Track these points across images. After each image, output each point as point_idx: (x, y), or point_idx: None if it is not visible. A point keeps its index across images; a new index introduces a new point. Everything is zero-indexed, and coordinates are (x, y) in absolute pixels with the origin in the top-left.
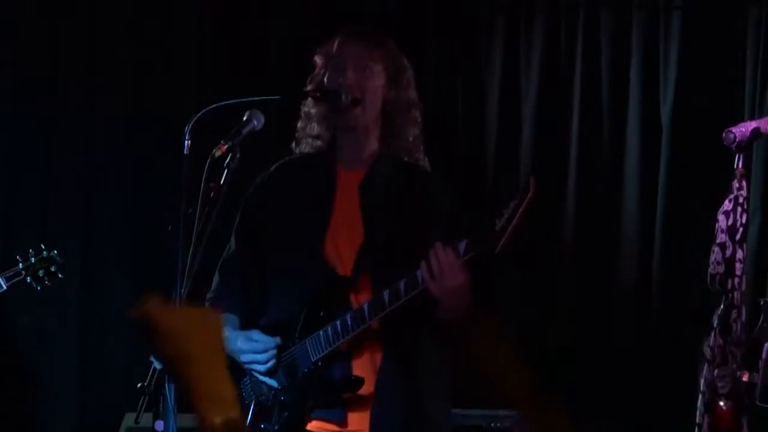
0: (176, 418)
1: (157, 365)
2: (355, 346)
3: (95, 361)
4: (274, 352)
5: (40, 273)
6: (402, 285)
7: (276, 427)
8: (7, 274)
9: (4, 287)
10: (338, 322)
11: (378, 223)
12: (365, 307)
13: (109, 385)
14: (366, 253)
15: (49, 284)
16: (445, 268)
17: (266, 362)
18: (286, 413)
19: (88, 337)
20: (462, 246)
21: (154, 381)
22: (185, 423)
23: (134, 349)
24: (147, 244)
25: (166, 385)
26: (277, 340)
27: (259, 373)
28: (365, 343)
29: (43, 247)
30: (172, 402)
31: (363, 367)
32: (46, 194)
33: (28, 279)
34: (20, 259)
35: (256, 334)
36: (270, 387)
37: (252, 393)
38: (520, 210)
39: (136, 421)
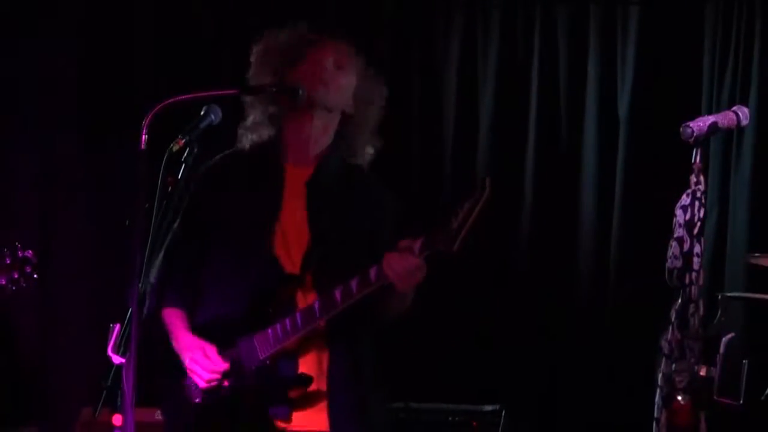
0: (134, 413)
1: (116, 361)
2: (303, 344)
3: (55, 356)
4: (218, 377)
5: (15, 275)
6: (354, 283)
7: (223, 423)
8: None
9: None
10: (287, 321)
11: (324, 220)
12: (315, 305)
13: (69, 380)
14: (313, 251)
15: (25, 285)
16: (405, 271)
17: (208, 382)
18: (234, 409)
19: (48, 331)
20: (418, 245)
21: (112, 376)
22: (143, 418)
23: (94, 344)
24: (105, 239)
25: (125, 380)
26: (226, 367)
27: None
28: (312, 342)
29: (18, 245)
30: (131, 397)
31: (310, 365)
32: (0, 191)
33: (3, 281)
34: None
35: (212, 353)
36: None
37: (198, 390)
38: (476, 209)
39: (94, 416)
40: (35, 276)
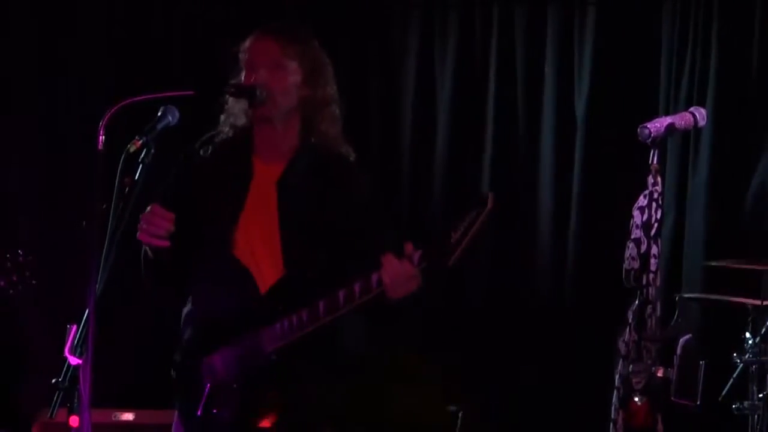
0: (91, 414)
1: (73, 362)
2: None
3: (10, 357)
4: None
5: (15, 278)
6: (357, 288)
7: (226, 414)
8: None
9: None
10: (294, 318)
11: (296, 222)
12: (320, 305)
13: (24, 381)
14: (287, 278)
15: (21, 288)
16: (401, 278)
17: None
18: (238, 401)
19: (2, 333)
20: (416, 257)
21: (68, 377)
22: (100, 419)
23: (49, 344)
24: (62, 240)
25: (82, 381)
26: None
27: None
28: None
29: (20, 252)
30: (88, 398)
31: None
32: None
33: (3, 283)
34: None
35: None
36: (225, 373)
37: (209, 376)
38: (477, 223)
39: (50, 417)
40: (33, 282)
